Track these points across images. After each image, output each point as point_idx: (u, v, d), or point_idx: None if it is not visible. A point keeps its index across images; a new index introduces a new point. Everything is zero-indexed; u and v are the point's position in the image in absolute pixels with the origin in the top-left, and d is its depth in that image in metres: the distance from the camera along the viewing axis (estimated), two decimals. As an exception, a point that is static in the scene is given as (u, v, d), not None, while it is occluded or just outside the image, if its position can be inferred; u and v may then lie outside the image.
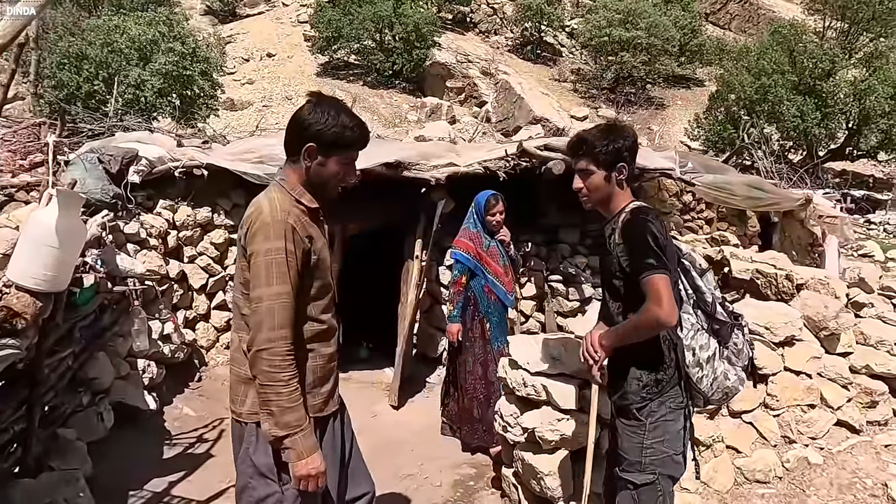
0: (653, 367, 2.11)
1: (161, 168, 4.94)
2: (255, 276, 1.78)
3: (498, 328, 3.86)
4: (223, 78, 20.00)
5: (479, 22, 28.60)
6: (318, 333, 1.93)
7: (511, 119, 22.76)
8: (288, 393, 1.75)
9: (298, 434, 1.77)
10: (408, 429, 4.44)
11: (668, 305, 1.96)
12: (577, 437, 2.75)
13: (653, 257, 2.00)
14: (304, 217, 1.89)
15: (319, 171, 1.89)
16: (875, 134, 19.76)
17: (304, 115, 1.86)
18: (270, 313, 1.75)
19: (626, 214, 2.13)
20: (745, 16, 30.32)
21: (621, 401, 2.17)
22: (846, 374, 3.33)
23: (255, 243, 1.79)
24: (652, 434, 2.10)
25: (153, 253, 4.77)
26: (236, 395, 1.93)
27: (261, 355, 1.74)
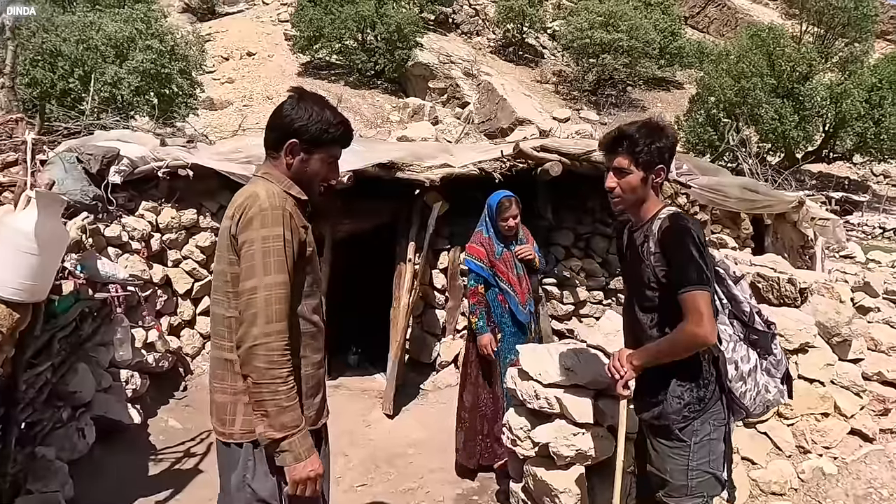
0: (694, 383, 1.97)
1: (143, 168, 4.73)
2: (249, 266, 1.64)
3: (510, 340, 3.55)
4: (202, 76, 19.65)
5: (462, 23, 28.54)
6: (309, 335, 1.80)
7: (494, 120, 22.71)
8: (286, 391, 1.62)
9: (296, 435, 1.64)
10: (404, 439, 4.29)
11: (708, 324, 1.84)
12: (592, 453, 2.63)
13: (695, 271, 1.87)
14: (296, 208, 1.78)
15: (302, 169, 1.80)
16: (850, 137, 20.12)
17: (287, 111, 1.77)
18: (267, 304, 1.61)
19: (664, 221, 1.97)
20: (723, 19, 30.71)
21: (660, 420, 2.01)
22: (859, 382, 3.27)
23: (250, 230, 1.65)
24: (697, 455, 1.96)
25: (136, 257, 4.56)
26: (223, 414, 1.76)
27: (256, 351, 1.60)
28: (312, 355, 1.81)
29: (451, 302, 5.65)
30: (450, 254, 5.64)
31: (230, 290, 1.72)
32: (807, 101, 19.71)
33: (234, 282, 1.70)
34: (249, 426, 1.70)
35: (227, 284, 1.73)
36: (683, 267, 1.88)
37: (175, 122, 14.93)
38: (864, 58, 21.84)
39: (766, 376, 2.04)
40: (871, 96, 18.90)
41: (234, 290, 1.69)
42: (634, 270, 2.08)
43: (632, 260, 2.11)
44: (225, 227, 1.75)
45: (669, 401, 1.98)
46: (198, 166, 4.77)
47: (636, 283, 2.09)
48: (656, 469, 2.05)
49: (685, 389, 1.96)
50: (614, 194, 2.07)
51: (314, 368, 1.82)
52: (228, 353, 1.73)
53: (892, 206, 20.21)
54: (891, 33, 31.57)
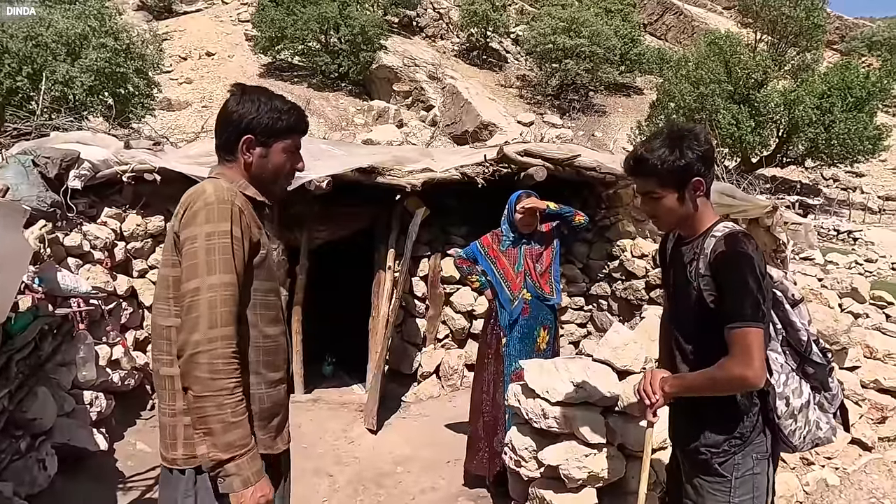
0: (736, 416, 1.79)
1: (106, 172, 4.42)
2: (191, 265, 1.47)
3: (516, 346, 3.40)
4: (159, 76, 19.02)
5: (426, 26, 28.47)
6: (265, 351, 1.62)
7: (459, 123, 22.67)
8: (232, 405, 1.44)
9: (245, 456, 1.45)
10: (391, 456, 4.10)
11: (759, 366, 1.63)
12: (604, 474, 2.51)
13: (750, 306, 1.64)
14: (250, 207, 1.62)
15: (263, 165, 1.66)
16: (803, 142, 20.84)
17: (233, 107, 1.64)
18: (211, 307, 1.44)
19: (719, 243, 1.72)
20: (680, 27, 31.49)
21: (697, 455, 1.84)
22: (858, 390, 3.26)
23: (193, 226, 1.49)
24: (739, 491, 1.78)
25: (98, 268, 4.24)
26: (165, 438, 1.57)
27: (197, 359, 1.42)
28: (269, 373, 1.63)
29: (431, 310, 5.49)
30: (430, 261, 5.48)
31: (170, 296, 1.54)
32: (762, 107, 20.35)
33: (174, 286, 1.53)
34: (192, 450, 1.52)
35: (167, 289, 1.55)
36: (737, 299, 1.66)
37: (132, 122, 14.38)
38: (815, 66, 22.66)
39: (819, 411, 1.86)
40: (821, 103, 19.60)
41: (174, 295, 1.53)
42: (679, 289, 1.88)
43: (677, 277, 1.89)
44: (170, 227, 1.59)
45: (707, 434, 1.81)
46: (165, 170, 4.49)
47: (680, 302, 1.89)
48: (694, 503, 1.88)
49: (724, 423, 1.80)
50: (653, 220, 1.90)
51: (271, 388, 1.64)
52: (168, 367, 1.55)
53: (842, 208, 21.02)
54: (836, 43, 32.96)
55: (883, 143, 20.37)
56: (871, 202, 21.37)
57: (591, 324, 6.08)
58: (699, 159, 1.74)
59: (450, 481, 3.71)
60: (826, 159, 20.96)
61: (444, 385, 5.31)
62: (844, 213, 20.04)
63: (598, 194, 5.87)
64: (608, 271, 5.86)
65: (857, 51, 30.78)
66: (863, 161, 21.53)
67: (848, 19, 36.91)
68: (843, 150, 20.15)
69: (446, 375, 5.34)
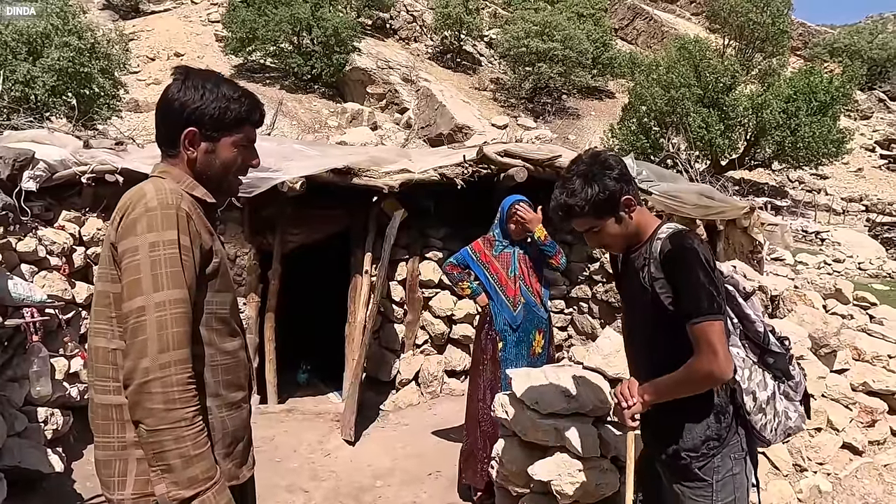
0: (712, 416, 1.76)
1: (64, 173, 4.16)
2: (134, 281, 1.29)
3: (512, 350, 3.29)
4: (126, 77, 18.53)
5: (399, 29, 28.33)
6: (223, 369, 1.46)
7: (433, 126, 22.55)
8: (192, 436, 1.29)
9: (210, 490, 1.30)
10: (370, 469, 3.92)
11: (724, 359, 1.63)
12: (597, 489, 2.39)
13: (705, 298, 1.64)
14: (199, 210, 1.44)
15: (209, 161, 1.47)
16: (770, 145, 21.26)
17: (174, 94, 1.43)
18: (160, 328, 1.27)
19: (665, 242, 1.72)
20: (650, 32, 31.92)
21: (676, 460, 1.78)
22: (849, 394, 3.21)
23: (133, 235, 1.31)
24: (722, 494, 1.75)
25: (55, 275, 3.98)
26: (110, 475, 1.38)
27: (148, 388, 1.25)
28: (229, 394, 1.47)
29: (410, 315, 5.33)
30: (408, 264, 5.33)
31: (112, 315, 1.36)
32: (730, 110, 20.72)
33: (116, 304, 1.35)
34: (145, 487, 1.34)
35: (108, 308, 1.37)
36: (692, 294, 1.65)
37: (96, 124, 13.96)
38: (781, 71, 23.17)
39: (786, 401, 1.84)
40: (787, 107, 20.04)
41: (117, 314, 1.35)
42: (636, 297, 1.84)
43: (631, 287, 1.86)
44: (106, 236, 1.40)
45: (685, 438, 1.77)
46: (129, 171, 4.24)
47: (637, 310, 1.86)
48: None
49: (703, 425, 1.76)
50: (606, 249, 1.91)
51: (233, 410, 1.48)
52: (115, 395, 1.36)
53: (808, 210, 21.49)
54: (800, 49, 33.79)
55: (845, 146, 20.93)
56: (835, 204, 21.90)
57: (571, 327, 5.99)
58: (618, 181, 1.74)
59: (432, 494, 3.55)
60: (792, 162, 21.43)
61: (423, 392, 5.16)
62: (810, 214, 20.48)
63: (578, 196, 5.80)
64: (588, 273, 5.78)
65: (820, 57, 31.59)
66: (827, 164, 22.07)
67: (811, 26, 37.88)
68: (808, 152, 20.63)
69: (426, 382, 5.18)
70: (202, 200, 1.48)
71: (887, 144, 28.35)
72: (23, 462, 2.96)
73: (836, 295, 3.86)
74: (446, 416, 4.84)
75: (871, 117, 31.08)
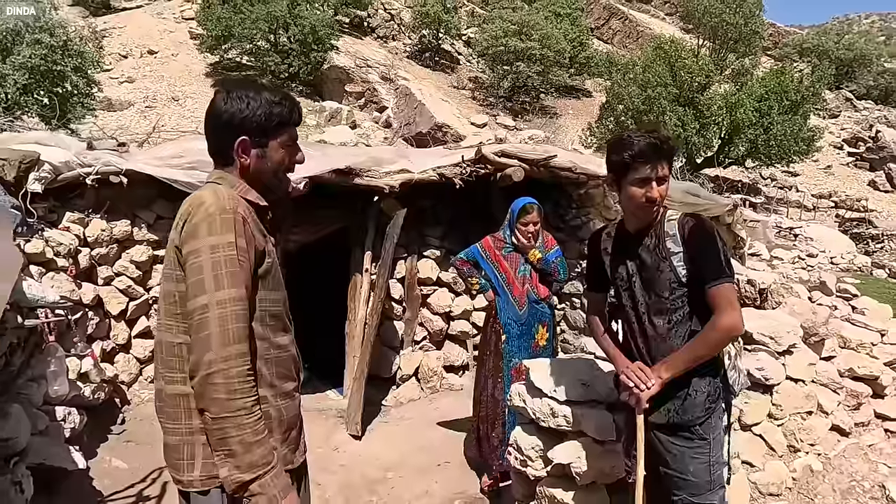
0: (714, 372, 2.03)
1: (68, 175, 4.18)
2: (197, 281, 1.41)
3: (514, 343, 3.44)
4: (99, 75, 18.21)
5: (377, 27, 28.26)
6: (276, 362, 1.57)
7: (413, 125, 22.59)
8: (252, 423, 1.39)
9: (268, 474, 1.40)
10: (378, 462, 4.03)
11: (740, 312, 1.92)
12: (614, 471, 2.54)
13: (725, 264, 1.91)
14: (253, 214, 1.55)
15: (262, 166, 1.58)
16: (743, 143, 21.75)
17: (223, 108, 1.54)
18: (222, 323, 1.38)
19: (688, 220, 1.98)
20: (625, 32, 32.36)
21: (681, 416, 2.00)
22: (837, 379, 3.42)
23: (196, 239, 1.42)
24: (715, 450, 2.02)
25: (62, 275, 4.01)
26: (179, 458, 1.49)
27: (213, 379, 1.36)
28: (283, 384, 1.58)
29: (408, 313, 5.44)
30: (406, 262, 5.43)
31: (178, 312, 1.48)
32: (705, 109, 21.13)
33: (181, 302, 1.47)
34: (211, 470, 1.46)
35: (174, 306, 1.49)
36: (714, 261, 1.90)
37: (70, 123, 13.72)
38: (754, 70, 23.73)
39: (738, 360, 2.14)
40: (760, 106, 20.53)
41: (182, 311, 1.46)
42: (652, 276, 2.02)
43: (647, 265, 2.03)
44: (171, 240, 1.51)
45: (694, 396, 1.99)
46: (133, 172, 4.28)
47: (650, 286, 2.03)
48: (677, 472, 2.03)
49: (706, 381, 2.01)
50: (658, 203, 1.98)
51: (286, 399, 1.59)
52: (182, 385, 1.48)
53: (780, 206, 22.06)
54: (771, 49, 34.61)
55: (815, 143, 21.53)
56: (805, 200, 22.53)
57: (564, 322, 6.16)
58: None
59: (443, 485, 3.68)
60: (765, 159, 21.95)
61: (423, 388, 5.27)
62: (783, 210, 21.05)
63: (570, 194, 5.96)
64: (581, 270, 5.95)
65: (790, 57, 32.41)
66: (798, 161, 22.67)
67: (780, 26, 38.83)
68: (780, 150, 21.16)
69: (425, 378, 5.30)
70: (255, 203, 1.57)
71: (854, 142, 29.25)
72: (48, 460, 3.00)
73: (820, 287, 4.08)
74: (447, 410, 4.96)
75: (838, 116, 32.01)
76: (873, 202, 24.69)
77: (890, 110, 32.93)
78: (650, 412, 2.06)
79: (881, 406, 3.56)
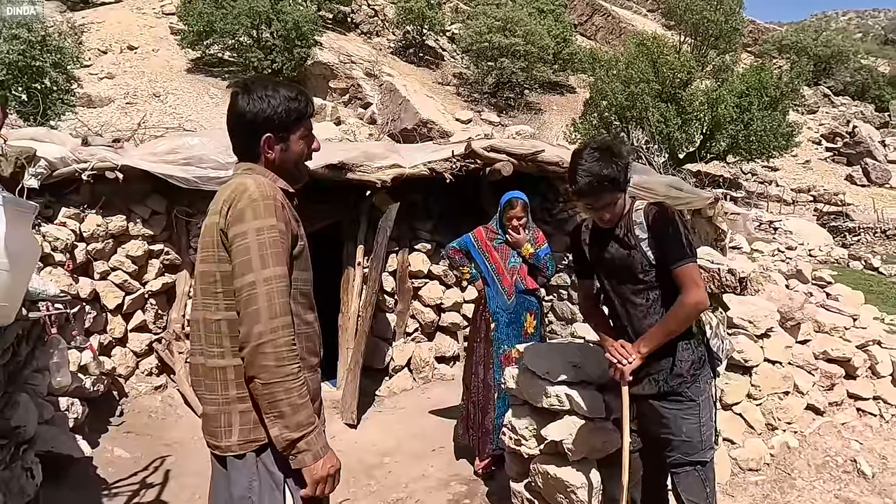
0: (695, 342, 2.20)
1: (64, 170, 4.22)
2: (245, 261, 1.52)
3: (504, 330, 3.56)
4: (79, 71, 17.99)
5: (361, 23, 28.20)
6: (305, 337, 1.68)
7: (397, 121, 22.63)
8: (298, 387, 1.52)
9: (313, 432, 1.54)
10: (374, 449, 4.14)
11: (703, 289, 2.11)
12: (604, 446, 2.68)
13: (686, 246, 2.12)
14: (287, 200, 1.68)
15: (286, 158, 1.70)
16: (724, 138, 22.11)
17: (245, 108, 1.65)
18: (269, 298, 1.50)
19: (651, 208, 2.19)
20: (608, 28, 32.61)
21: (669, 384, 2.18)
22: (812, 361, 3.60)
23: (242, 222, 1.54)
24: (704, 411, 2.18)
25: (60, 270, 4.07)
26: (217, 426, 1.62)
27: (263, 348, 1.48)
28: (310, 358, 1.70)
29: (400, 305, 5.56)
30: (398, 256, 5.54)
31: (219, 291, 1.60)
32: (687, 105, 21.44)
33: (223, 281, 1.58)
34: (248, 436, 1.59)
35: (214, 285, 1.61)
36: (677, 243, 2.10)
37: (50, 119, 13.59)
38: (734, 67, 24.09)
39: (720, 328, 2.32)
40: (741, 102, 20.88)
41: (224, 289, 1.58)
42: (624, 261, 2.23)
43: (618, 252, 2.24)
44: (212, 223, 1.63)
45: (679, 364, 2.18)
46: (129, 168, 4.33)
47: (626, 272, 2.24)
48: (671, 434, 2.21)
49: (689, 350, 2.18)
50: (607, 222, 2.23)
51: (312, 372, 1.71)
52: (219, 359, 1.61)
53: (760, 200, 22.47)
54: (751, 46, 35.11)
55: (794, 139, 21.95)
56: (785, 194, 22.97)
57: (552, 313, 6.31)
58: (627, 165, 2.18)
59: (439, 468, 3.80)
60: (745, 154, 22.33)
61: (416, 378, 5.39)
62: (763, 204, 21.45)
63: (557, 188, 6.10)
64: (567, 262, 6.10)
65: (769, 53, 32.93)
66: (777, 156, 23.10)
67: (760, 23, 39.42)
68: (760, 145, 21.54)
69: (418, 368, 5.42)
70: (285, 191, 1.69)
71: (832, 137, 29.84)
72: (55, 447, 3.08)
73: (797, 275, 4.26)
74: (439, 399, 5.09)
75: (816, 111, 32.61)
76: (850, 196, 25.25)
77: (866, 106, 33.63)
78: (638, 384, 2.25)
79: (853, 386, 3.76)
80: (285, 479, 1.60)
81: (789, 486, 3.15)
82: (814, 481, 3.20)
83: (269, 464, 1.60)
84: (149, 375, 4.71)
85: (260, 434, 1.58)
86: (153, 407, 4.46)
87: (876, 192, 25.81)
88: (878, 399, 3.83)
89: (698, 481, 2.18)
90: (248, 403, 1.58)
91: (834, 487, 3.18)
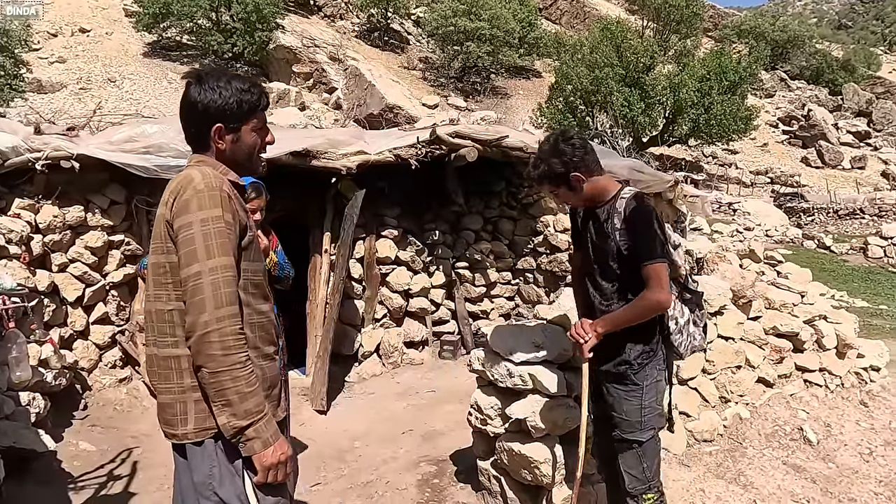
0: (647, 336, 2.28)
1: (16, 160, 4.11)
2: (190, 251, 1.54)
3: None
4: (28, 55, 17.31)
5: (324, 5, 27.74)
6: (259, 326, 1.72)
7: (363, 106, 22.41)
8: (246, 375, 1.54)
9: (261, 420, 1.56)
10: (346, 434, 4.18)
11: (667, 291, 2.15)
12: (566, 422, 2.78)
13: (658, 245, 2.15)
14: (235, 192, 1.70)
15: (237, 149, 1.71)
16: (686, 122, 22.54)
17: (196, 98, 1.66)
18: (214, 288, 1.52)
19: (631, 201, 2.22)
20: (573, 12, 32.74)
21: (618, 368, 2.29)
22: (762, 336, 3.76)
23: (188, 213, 1.56)
24: (647, 395, 2.28)
25: (15, 263, 3.97)
26: (173, 414, 1.65)
27: (209, 338, 1.51)
28: (265, 347, 1.73)
29: (368, 291, 5.58)
30: (365, 242, 5.56)
31: (169, 281, 1.61)
32: (650, 89, 21.76)
33: (172, 272, 1.59)
34: (203, 423, 1.61)
35: (164, 276, 1.62)
36: (648, 242, 2.14)
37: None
38: (695, 52, 24.50)
39: (693, 326, 2.40)
40: (701, 86, 21.29)
41: (173, 280, 1.60)
42: (598, 242, 2.31)
43: (596, 235, 2.33)
44: (160, 215, 1.64)
45: (629, 352, 2.28)
46: (85, 157, 4.24)
47: (600, 256, 2.32)
48: (614, 412, 2.34)
49: (639, 343, 2.27)
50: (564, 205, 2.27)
51: (268, 360, 1.74)
52: (173, 348, 1.62)
53: (720, 183, 23.05)
54: (711, 31, 35.71)
55: (753, 122, 22.51)
56: (744, 177, 23.60)
57: (518, 296, 6.42)
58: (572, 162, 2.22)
59: (408, 449, 3.87)
60: (706, 138, 22.83)
61: (385, 363, 5.44)
62: (723, 187, 22.01)
63: (521, 173, 6.18)
64: (533, 246, 6.21)
65: (729, 38, 33.58)
66: (736, 139, 23.67)
67: (720, 8, 40.11)
68: (720, 129, 22.03)
69: (387, 354, 5.47)
70: (234, 182, 1.71)
71: (788, 120, 30.70)
72: (17, 442, 3.04)
73: (749, 255, 4.43)
74: (409, 383, 5.16)
75: (774, 95, 33.47)
76: (805, 177, 26.10)
77: (821, 90, 34.64)
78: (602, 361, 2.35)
79: (801, 360, 3.95)
80: (244, 467, 1.63)
81: (741, 454, 3.31)
82: (764, 449, 3.37)
83: (229, 450, 1.62)
84: (113, 368, 4.65)
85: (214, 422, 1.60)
86: (118, 399, 4.41)
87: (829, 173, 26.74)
88: (823, 371, 4.03)
89: (635, 457, 2.31)
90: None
91: (782, 454, 3.36)
